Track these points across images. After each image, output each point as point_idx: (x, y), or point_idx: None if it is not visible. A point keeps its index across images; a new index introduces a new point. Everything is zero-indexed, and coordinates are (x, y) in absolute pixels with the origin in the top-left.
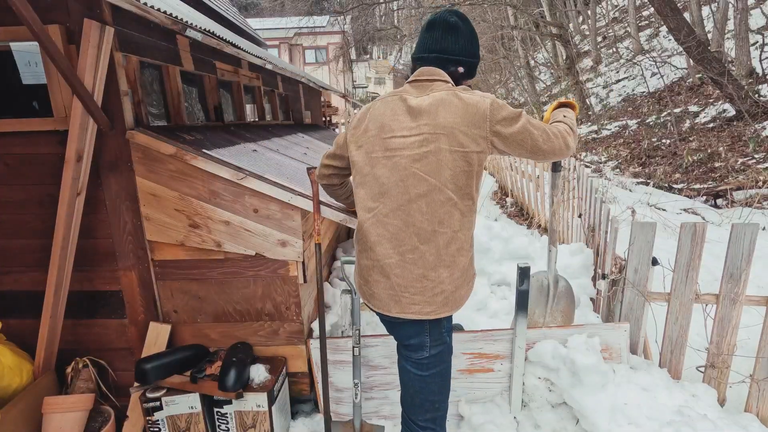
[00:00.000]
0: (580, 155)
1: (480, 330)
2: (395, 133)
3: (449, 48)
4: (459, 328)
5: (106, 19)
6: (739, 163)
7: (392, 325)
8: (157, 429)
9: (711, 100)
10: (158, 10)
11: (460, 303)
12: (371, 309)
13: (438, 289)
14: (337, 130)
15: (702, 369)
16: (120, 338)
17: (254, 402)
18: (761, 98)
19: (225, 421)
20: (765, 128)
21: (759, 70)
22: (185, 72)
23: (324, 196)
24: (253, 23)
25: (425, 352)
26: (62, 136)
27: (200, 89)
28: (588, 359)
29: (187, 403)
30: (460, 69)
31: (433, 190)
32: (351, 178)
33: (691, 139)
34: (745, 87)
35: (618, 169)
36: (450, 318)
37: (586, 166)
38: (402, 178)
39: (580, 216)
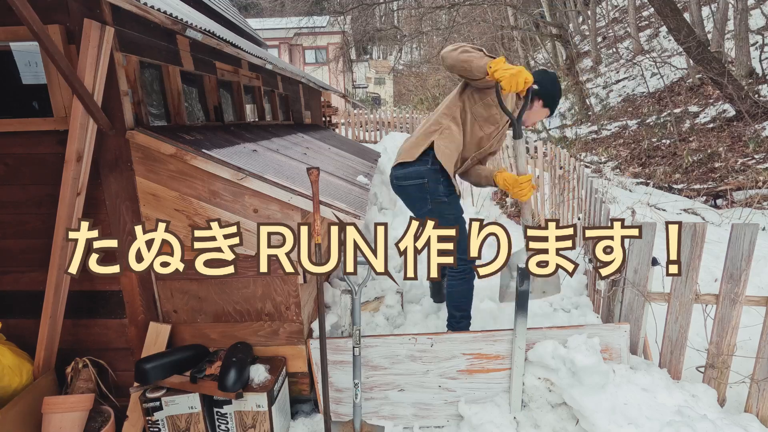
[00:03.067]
0: (580, 155)
1: (480, 330)
2: None
3: None
4: None
5: (106, 19)
6: (739, 163)
7: None
8: (156, 429)
9: (711, 101)
10: (158, 10)
11: None
12: None
13: None
14: (336, 131)
15: (702, 369)
16: (120, 338)
17: (254, 402)
18: (761, 98)
19: (225, 421)
20: (765, 128)
21: (759, 71)
22: (185, 72)
23: (324, 196)
24: (253, 23)
25: None
26: (62, 136)
27: (200, 89)
28: (588, 359)
29: (187, 403)
30: None
31: None
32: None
33: (691, 139)
34: (745, 87)
35: (618, 170)
36: None
37: (586, 167)
38: None
39: (579, 218)
